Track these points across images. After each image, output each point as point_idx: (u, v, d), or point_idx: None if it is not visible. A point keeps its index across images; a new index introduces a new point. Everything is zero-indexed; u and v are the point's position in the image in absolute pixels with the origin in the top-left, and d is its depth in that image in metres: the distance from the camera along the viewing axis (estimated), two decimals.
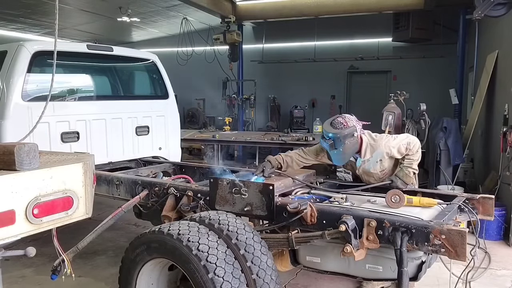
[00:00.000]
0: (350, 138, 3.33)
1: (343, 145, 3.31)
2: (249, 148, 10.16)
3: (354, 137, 3.36)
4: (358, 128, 3.40)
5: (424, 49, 11.40)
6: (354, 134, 3.35)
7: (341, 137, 3.29)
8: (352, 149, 3.40)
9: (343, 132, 3.29)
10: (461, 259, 2.35)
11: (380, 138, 3.49)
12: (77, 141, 4.64)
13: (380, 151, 3.42)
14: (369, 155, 3.47)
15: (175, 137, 5.70)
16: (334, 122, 3.38)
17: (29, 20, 11.52)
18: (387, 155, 3.43)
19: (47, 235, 2.27)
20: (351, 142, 3.34)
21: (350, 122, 3.37)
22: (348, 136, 3.31)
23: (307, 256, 3.01)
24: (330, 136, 3.32)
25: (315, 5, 10.41)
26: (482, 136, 7.38)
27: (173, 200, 3.45)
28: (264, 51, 13.26)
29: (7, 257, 2.22)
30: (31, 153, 2.04)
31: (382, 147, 3.41)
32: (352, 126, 3.35)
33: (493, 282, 4.11)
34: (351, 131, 3.33)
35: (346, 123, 3.34)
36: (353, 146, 3.38)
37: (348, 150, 3.37)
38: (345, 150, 3.34)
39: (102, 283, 4.09)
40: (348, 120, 3.38)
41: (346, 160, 3.50)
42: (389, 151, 3.41)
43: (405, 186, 3.34)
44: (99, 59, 5.15)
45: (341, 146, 3.31)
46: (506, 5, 5.21)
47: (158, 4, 10.88)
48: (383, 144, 3.42)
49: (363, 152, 3.46)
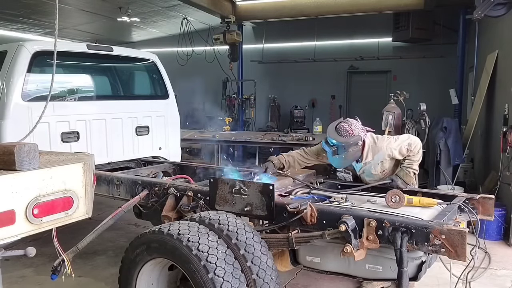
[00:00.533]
0: (354, 147, 3.32)
1: (346, 153, 3.31)
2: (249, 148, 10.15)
3: (358, 145, 3.35)
4: (362, 136, 3.38)
5: (424, 49, 11.40)
6: (358, 143, 3.34)
7: (346, 146, 3.28)
8: (355, 156, 3.40)
9: (348, 142, 3.27)
10: (461, 259, 2.35)
11: (382, 140, 3.47)
12: (77, 141, 4.63)
13: (381, 153, 3.42)
14: (370, 158, 3.47)
15: (175, 137, 5.70)
16: (339, 129, 3.33)
17: (29, 20, 11.51)
18: (389, 156, 3.43)
19: (47, 235, 2.27)
20: (354, 150, 3.34)
21: (356, 131, 3.33)
22: (352, 145, 3.30)
23: (307, 256, 3.01)
24: (334, 143, 3.31)
25: (315, 5, 10.41)
26: (482, 136, 7.38)
27: (173, 200, 3.45)
28: (264, 51, 13.26)
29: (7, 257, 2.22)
30: (31, 153, 2.04)
31: (384, 149, 3.41)
32: (357, 136, 3.32)
33: (493, 282, 4.11)
34: (356, 140, 3.31)
35: (351, 131, 3.31)
36: (356, 153, 3.38)
37: (350, 157, 3.37)
38: (347, 157, 3.35)
39: (102, 283, 4.09)
40: (354, 128, 3.34)
41: (347, 165, 3.52)
42: (391, 153, 3.40)
43: (405, 186, 3.33)
44: (99, 59, 5.15)
45: (343, 153, 3.31)
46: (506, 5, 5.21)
47: (158, 4, 10.87)
48: (384, 146, 3.41)
49: (364, 155, 3.45)
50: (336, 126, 3.37)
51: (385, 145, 3.42)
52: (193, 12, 11.14)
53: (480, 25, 7.62)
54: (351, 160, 3.43)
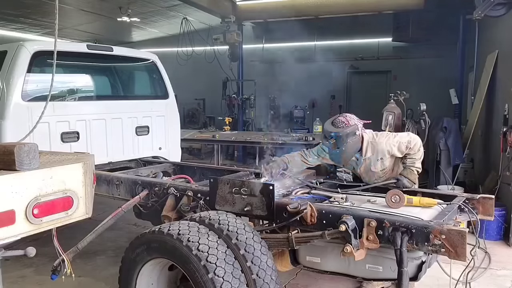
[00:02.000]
0: (352, 137, 3.33)
1: (346, 144, 3.32)
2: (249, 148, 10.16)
3: (356, 135, 3.36)
4: (359, 126, 3.41)
5: (424, 49, 11.39)
6: (356, 132, 3.36)
7: (343, 136, 3.29)
8: (354, 148, 3.41)
9: (345, 131, 3.29)
10: (461, 259, 2.35)
11: (381, 136, 3.49)
12: (77, 141, 4.63)
13: (381, 148, 3.42)
14: (370, 153, 3.48)
15: (175, 137, 5.70)
16: (336, 121, 3.38)
17: (29, 20, 11.52)
18: (388, 153, 3.43)
19: (47, 235, 2.27)
20: (353, 141, 3.35)
21: (352, 121, 3.38)
22: (350, 135, 3.31)
23: (307, 256, 3.01)
24: (332, 135, 3.32)
25: (315, 5, 10.41)
26: (482, 136, 7.38)
27: (173, 200, 3.45)
28: (264, 51, 13.25)
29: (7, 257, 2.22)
30: (31, 153, 2.04)
31: (383, 145, 3.42)
32: (353, 125, 3.36)
33: (493, 282, 4.11)
34: (353, 130, 3.34)
35: (347, 122, 3.35)
36: (355, 144, 3.39)
37: (350, 149, 3.37)
38: (347, 149, 3.35)
39: (102, 283, 4.09)
40: (350, 119, 3.39)
41: (349, 159, 3.51)
42: (390, 149, 3.41)
43: (412, 185, 3.33)
44: (99, 59, 5.14)
45: (343, 145, 3.32)
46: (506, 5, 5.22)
47: (158, 4, 10.87)
48: (384, 142, 3.43)
49: (364, 150, 3.47)
50: (332, 121, 3.42)
51: (385, 141, 3.43)
52: (193, 12, 11.14)
53: (480, 25, 7.62)
54: (352, 154, 3.44)
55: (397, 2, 9.88)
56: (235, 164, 9.72)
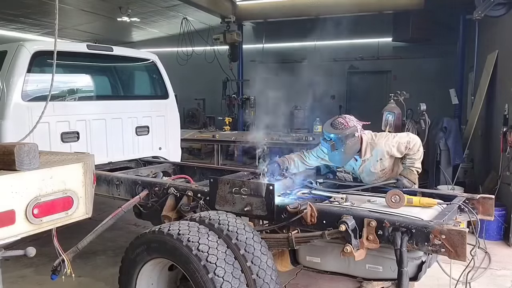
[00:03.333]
0: (351, 138, 3.33)
1: (345, 146, 3.31)
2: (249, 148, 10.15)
3: (355, 137, 3.36)
4: (358, 128, 3.41)
5: (424, 49, 11.39)
6: (355, 134, 3.35)
7: (342, 138, 3.29)
8: (354, 149, 3.40)
9: (344, 133, 3.29)
10: (461, 259, 2.35)
11: (380, 136, 3.49)
12: (77, 141, 4.64)
13: (380, 149, 3.42)
14: (369, 154, 3.47)
15: (175, 137, 5.70)
16: (335, 123, 3.38)
17: (29, 20, 11.52)
18: (387, 153, 3.43)
19: (47, 235, 2.27)
20: (352, 142, 3.34)
21: (351, 122, 3.38)
22: (349, 136, 3.31)
23: (307, 256, 3.01)
24: (331, 137, 3.31)
25: (315, 5, 10.42)
26: (482, 136, 7.38)
27: (173, 200, 3.45)
28: (264, 51, 13.25)
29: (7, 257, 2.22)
30: (31, 153, 2.04)
31: (382, 146, 3.41)
32: (353, 126, 3.35)
33: (493, 282, 4.11)
34: (352, 131, 3.33)
35: (346, 123, 3.35)
36: (354, 146, 3.38)
37: (349, 151, 3.37)
38: (347, 150, 3.34)
39: (102, 283, 4.09)
40: (349, 120, 3.39)
41: (348, 160, 3.50)
42: (389, 150, 3.40)
43: (412, 185, 3.33)
44: (99, 59, 5.15)
45: (342, 147, 3.31)
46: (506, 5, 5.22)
47: (158, 4, 10.88)
48: (383, 142, 3.42)
49: (363, 151, 3.46)
50: (331, 122, 3.41)
51: (384, 141, 3.42)
52: (193, 12, 11.14)
53: (480, 25, 7.61)
54: (351, 155, 3.43)
55: (397, 2, 9.88)
56: (235, 164, 9.71)
